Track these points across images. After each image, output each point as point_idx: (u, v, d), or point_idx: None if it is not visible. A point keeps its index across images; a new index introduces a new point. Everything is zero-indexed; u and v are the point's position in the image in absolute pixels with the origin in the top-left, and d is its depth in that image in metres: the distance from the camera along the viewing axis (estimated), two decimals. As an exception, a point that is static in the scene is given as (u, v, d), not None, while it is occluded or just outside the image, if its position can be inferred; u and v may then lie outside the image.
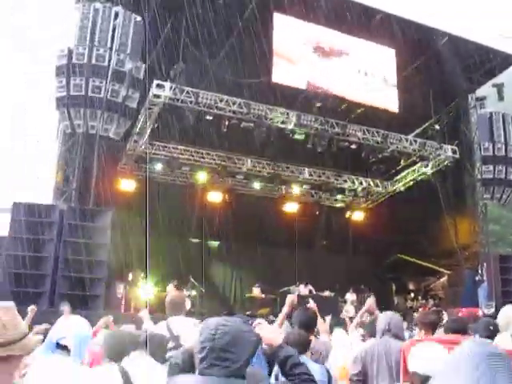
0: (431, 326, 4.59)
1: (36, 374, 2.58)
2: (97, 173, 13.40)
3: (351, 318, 13.47)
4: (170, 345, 4.13)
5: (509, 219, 36.47)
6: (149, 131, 15.50)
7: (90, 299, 11.52)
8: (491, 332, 4.84)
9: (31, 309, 6.35)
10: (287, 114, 15.49)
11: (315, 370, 3.44)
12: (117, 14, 13.42)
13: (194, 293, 15.90)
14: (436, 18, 16.67)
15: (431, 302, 18.38)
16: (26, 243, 11.36)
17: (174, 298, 4.64)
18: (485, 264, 17.02)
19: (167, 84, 13.91)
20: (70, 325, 2.97)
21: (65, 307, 8.60)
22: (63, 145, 14.24)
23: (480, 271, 17.20)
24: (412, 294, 20.08)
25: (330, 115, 16.11)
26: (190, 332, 4.51)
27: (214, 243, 19.76)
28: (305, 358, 3.55)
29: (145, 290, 14.78)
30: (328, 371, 3.71)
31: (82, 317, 3.50)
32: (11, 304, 1.48)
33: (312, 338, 4.34)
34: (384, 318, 4.37)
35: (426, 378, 2.51)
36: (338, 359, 4.81)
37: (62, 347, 2.84)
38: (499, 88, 18.06)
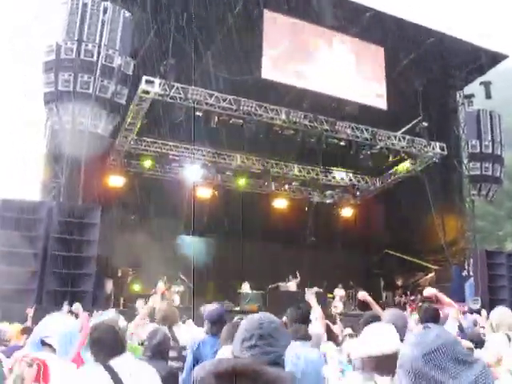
0: None
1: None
2: (85, 169, 13.32)
3: (340, 314, 13.61)
4: (172, 354, 4.14)
5: (495, 216, 36.80)
6: (138, 127, 15.45)
7: (78, 295, 11.48)
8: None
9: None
10: (277, 110, 15.51)
11: (313, 355, 3.73)
12: (106, 9, 13.33)
13: (182, 288, 15.93)
14: (425, 16, 16.69)
15: (419, 297, 18.49)
16: (15, 240, 11.30)
17: (165, 313, 4.59)
18: (472, 260, 17.18)
19: (157, 80, 13.86)
20: (54, 323, 2.93)
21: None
22: (51, 141, 14.16)
23: (467, 267, 17.36)
24: (400, 290, 20.20)
25: (320, 112, 16.16)
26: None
27: (203, 239, 19.73)
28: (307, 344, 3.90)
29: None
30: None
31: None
32: None
33: None
34: None
35: None
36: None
37: (47, 345, 2.82)
38: (486, 86, 18.17)
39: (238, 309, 16.45)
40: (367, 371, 2.57)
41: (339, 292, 17.88)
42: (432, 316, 4.62)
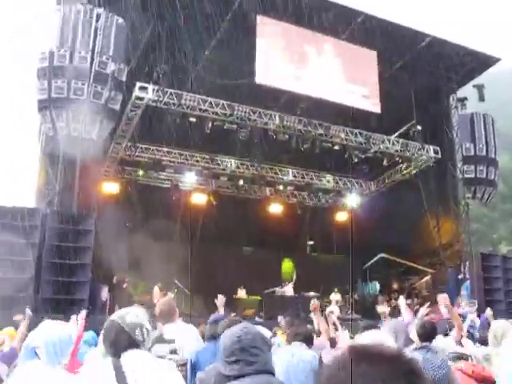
0: None
1: (13, 381, 2.60)
2: (80, 175, 13.27)
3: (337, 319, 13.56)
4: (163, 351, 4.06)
5: (490, 218, 36.96)
6: (132, 133, 15.43)
7: (74, 303, 11.41)
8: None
9: (28, 315, 6.13)
10: (270, 115, 15.53)
11: (307, 355, 3.90)
12: (99, 16, 13.30)
13: (178, 295, 15.86)
14: (418, 19, 16.73)
15: (416, 300, 18.49)
16: (9, 247, 11.23)
17: (162, 308, 4.57)
18: (467, 263, 17.20)
19: (150, 86, 13.88)
20: (41, 333, 2.90)
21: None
22: (45, 147, 14.10)
23: (463, 270, 17.37)
24: (396, 294, 20.18)
25: (313, 116, 16.18)
26: (185, 338, 4.48)
27: (199, 245, 19.67)
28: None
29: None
30: (320, 357, 3.92)
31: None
32: None
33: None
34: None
35: None
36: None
37: (37, 355, 2.81)
38: (479, 89, 18.24)
39: (233, 315, 16.41)
40: None
41: (335, 296, 17.85)
42: (430, 333, 4.44)
